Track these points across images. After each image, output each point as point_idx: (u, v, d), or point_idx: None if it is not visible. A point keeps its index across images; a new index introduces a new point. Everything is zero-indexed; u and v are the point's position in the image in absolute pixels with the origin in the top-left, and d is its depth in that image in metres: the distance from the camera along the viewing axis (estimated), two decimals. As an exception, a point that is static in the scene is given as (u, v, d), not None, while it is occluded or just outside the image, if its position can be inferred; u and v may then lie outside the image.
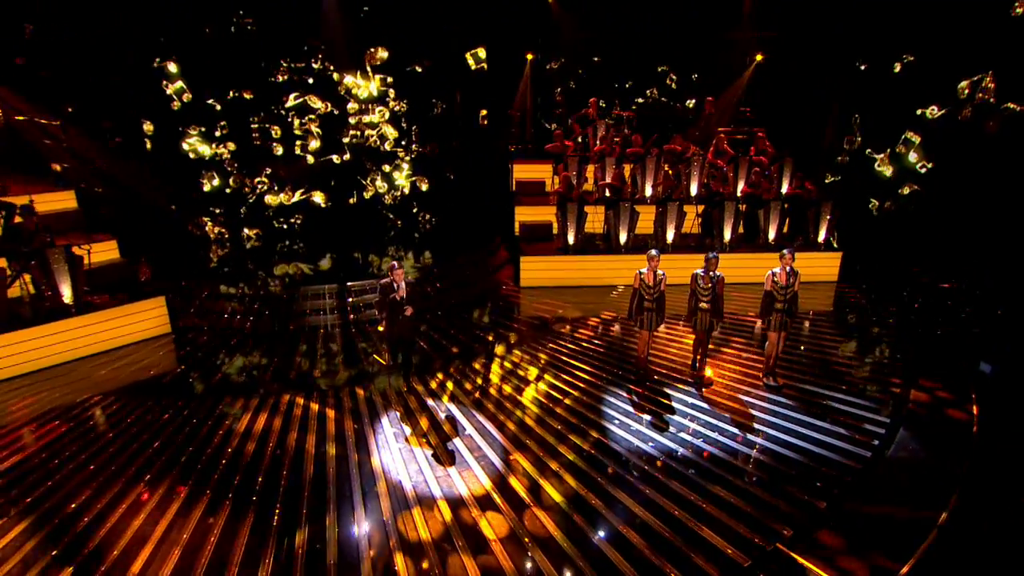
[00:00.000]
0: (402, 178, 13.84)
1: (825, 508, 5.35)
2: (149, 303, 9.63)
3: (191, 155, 12.76)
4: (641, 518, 5.31)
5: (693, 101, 15.93)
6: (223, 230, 13.15)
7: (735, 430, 6.74)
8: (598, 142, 14.26)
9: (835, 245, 10.98)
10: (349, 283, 11.15)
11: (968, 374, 7.87)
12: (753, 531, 5.13)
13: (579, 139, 14.02)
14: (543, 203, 13.66)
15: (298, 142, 13.23)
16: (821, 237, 11.82)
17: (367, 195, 13.71)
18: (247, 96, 13.08)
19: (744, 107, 14.86)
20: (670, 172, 12.00)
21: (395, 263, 7.46)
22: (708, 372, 8.17)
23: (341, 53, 12.91)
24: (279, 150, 13.08)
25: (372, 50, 12.23)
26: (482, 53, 12.54)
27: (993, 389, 7.45)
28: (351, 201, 14.31)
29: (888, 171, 11.21)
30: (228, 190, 13.11)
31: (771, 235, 11.92)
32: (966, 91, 9.65)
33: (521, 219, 13.11)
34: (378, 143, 13.29)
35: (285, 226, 13.62)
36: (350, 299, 10.78)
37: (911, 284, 11.02)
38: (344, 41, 13.16)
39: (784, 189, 12.65)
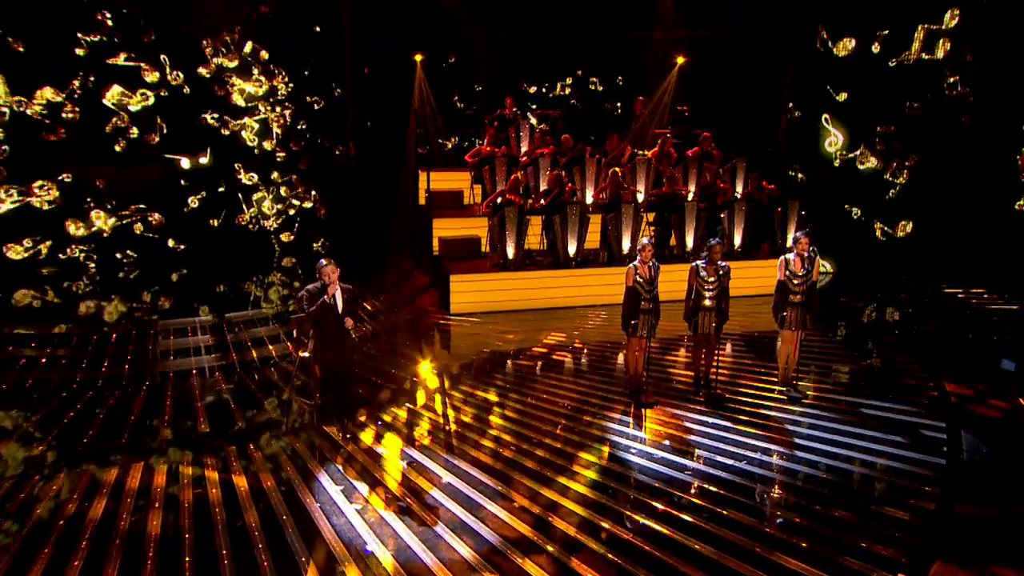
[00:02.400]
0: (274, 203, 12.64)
1: (932, 523, 5.03)
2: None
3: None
4: (714, 560, 4.64)
5: (619, 104, 16.36)
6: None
7: (778, 448, 6.41)
8: (523, 144, 14.06)
9: (828, 268, 11.44)
10: (229, 315, 9.71)
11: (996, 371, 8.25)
12: (864, 562, 4.64)
13: (500, 143, 13.72)
14: (463, 215, 13.13)
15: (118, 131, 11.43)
16: (790, 241, 12.21)
17: (246, 219, 12.31)
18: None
19: (681, 106, 15.45)
20: (619, 171, 11.94)
21: (323, 260, 6.42)
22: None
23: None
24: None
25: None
26: None
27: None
28: (213, 223, 12.83)
29: (871, 163, 11.95)
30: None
31: (737, 241, 12.17)
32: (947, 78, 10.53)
33: (440, 235, 12.40)
34: (256, 141, 12.05)
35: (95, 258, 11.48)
36: (231, 335, 9.33)
37: (912, 292, 11.70)
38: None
39: (739, 191, 13.08)
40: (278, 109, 12.59)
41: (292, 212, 13.17)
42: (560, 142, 13.58)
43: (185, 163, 12.09)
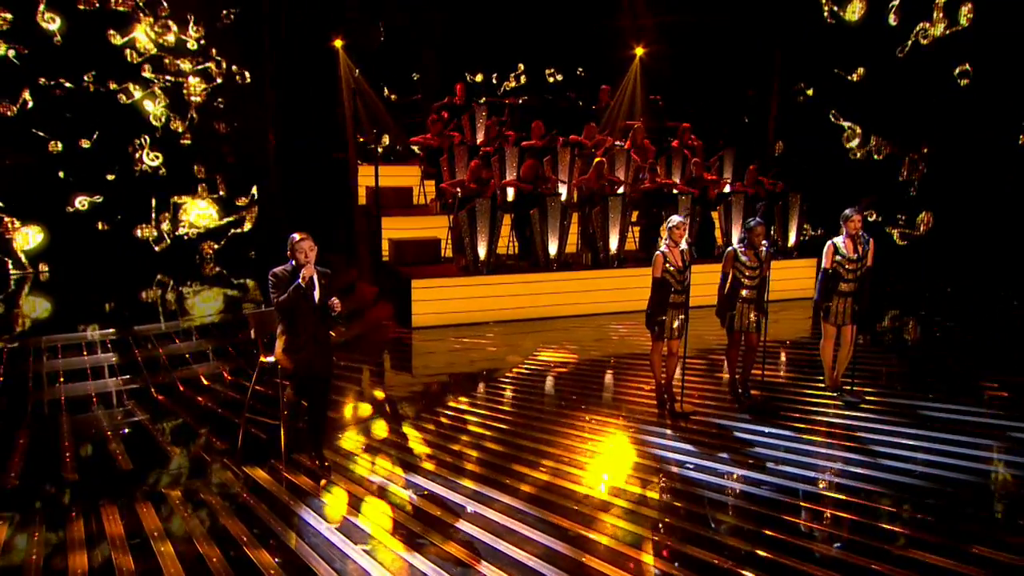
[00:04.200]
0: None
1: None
2: None
3: None
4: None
5: (573, 94, 16.28)
6: None
7: (857, 456, 6.07)
8: (479, 135, 13.60)
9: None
10: (137, 327, 8.57)
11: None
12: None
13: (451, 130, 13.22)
14: (416, 215, 12.48)
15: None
16: (792, 240, 12.20)
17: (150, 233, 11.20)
18: None
19: (654, 95, 15.44)
20: (605, 161, 11.61)
21: (296, 234, 5.59)
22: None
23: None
24: None
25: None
26: None
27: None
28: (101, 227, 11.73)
29: (855, 141, 12.05)
30: None
31: (734, 239, 12.00)
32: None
33: (391, 236, 11.64)
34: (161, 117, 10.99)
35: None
36: (141, 351, 8.20)
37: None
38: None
39: (729, 186, 13.01)
40: (195, 80, 11.57)
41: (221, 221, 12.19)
42: (524, 130, 13.21)
43: (58, 146, 10.92)
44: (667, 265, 6.89)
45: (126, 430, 6.68)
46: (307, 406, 5.82)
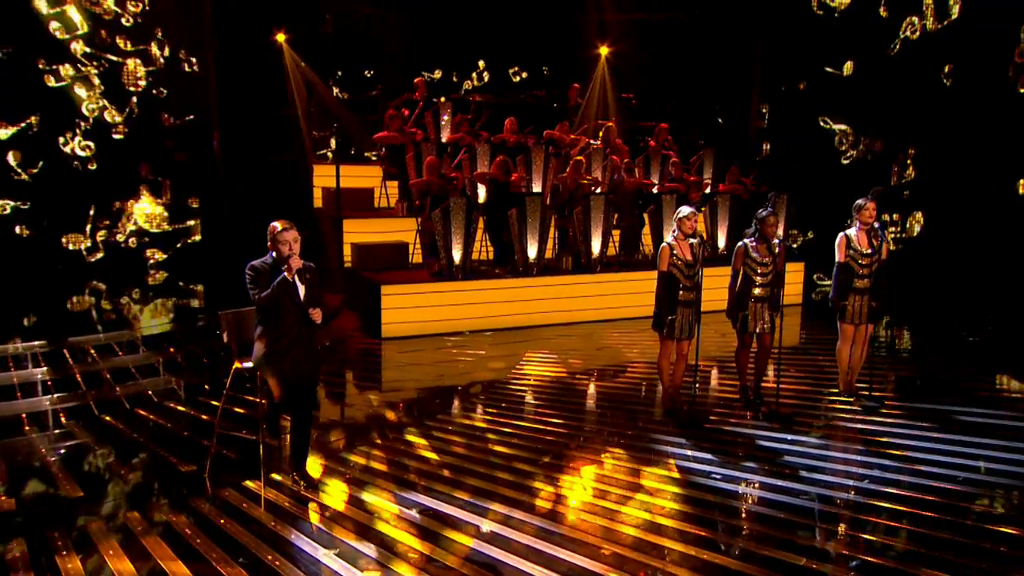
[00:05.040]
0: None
1: None
2: None
3: None
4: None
5: (543, 92, 16.21)
6: None
7: (891, 463, 5.94)
8: (446, 129, 13.35)
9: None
10: (72, 339, 7.95)
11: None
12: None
13: (413, 127, 12.93)
14: (381, 216, 12.12)
15: None
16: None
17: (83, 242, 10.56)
18: None
19: (626, 93, 15.43)
20: (583, 160, 11.43)
21: (277, 223, 5.19)
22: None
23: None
24: None
25: None
26: None
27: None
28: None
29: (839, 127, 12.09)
30: None
31: (721, 242, 11.93)
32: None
33: (354, 241, 11.22)
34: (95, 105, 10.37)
35: None
36: (79, 366, 7.59)
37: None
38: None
39: (708, 186, 12.98)
40: (134, 63, 10.96)
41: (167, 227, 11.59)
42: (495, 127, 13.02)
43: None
44: (674, 258, 6.69)
45: (62, 451, 6.10)
46: (290, 417, 5.36)
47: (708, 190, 12.93)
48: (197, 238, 13.12)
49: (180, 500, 5.19)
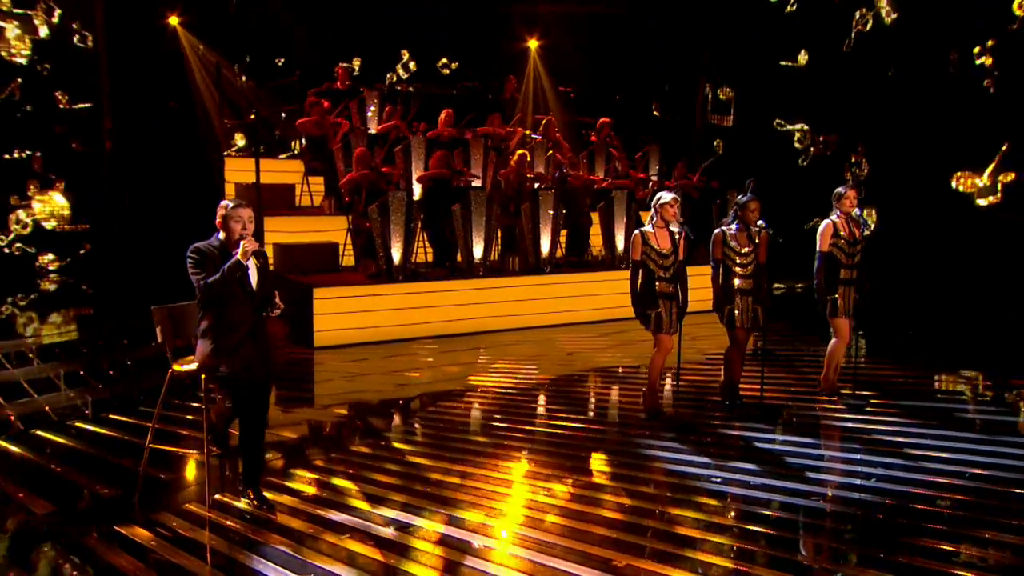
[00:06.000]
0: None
1: None
2: None
3: None
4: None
5: (478, 84, 16.09)
6: None
7: (896, 460, 5.88)
8: (373, 121, 12.99)
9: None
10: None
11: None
12: None
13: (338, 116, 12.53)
14: (306, 215, 11.68)
15: None
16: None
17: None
18: None
19: (565, 87, 15.43)
20: (527, 155, 11.28)
21: (229, 202, 4.78)
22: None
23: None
24: None
25: None
26: None
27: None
28: None
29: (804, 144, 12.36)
30: None
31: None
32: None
33: (276, 241, 10.70)
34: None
35: None
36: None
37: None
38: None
39: (657, 184, 13.01)
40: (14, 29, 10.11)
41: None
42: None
43: None
44: (647, 247, 6.53)
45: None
46: (240, 425, 4.87)
47: (659, 187, 12.94)
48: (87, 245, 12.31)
49: (107, 530, 4.62)
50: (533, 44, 17.26)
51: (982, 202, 12.76)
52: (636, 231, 6.65)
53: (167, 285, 7.48)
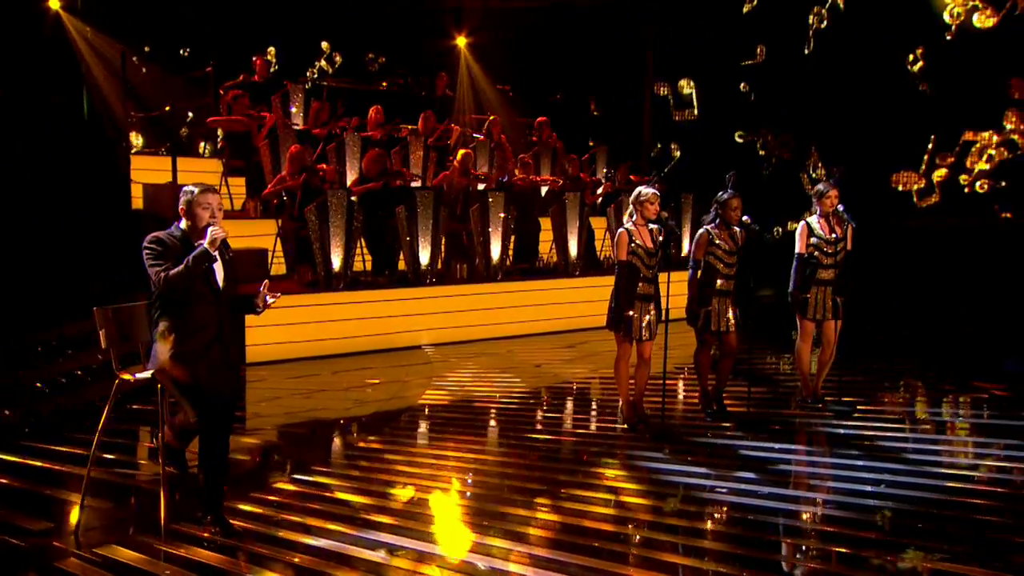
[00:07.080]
0: None
1: None
2: None
3: None
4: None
5: (411, 79, 16.02)
6: None
7: (899, 466, 6.00)
8: (298, 118, 12.74)
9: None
10: None
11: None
12: None
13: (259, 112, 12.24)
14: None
15: None
16: (685, 247, 12.44)
17: None
18: None
19: (502, 86, 15.48)
20: (471, 154, 11.23)
21: (193, 187, 4.55)
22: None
23: None
24: None
25: None
26: None
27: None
28: None
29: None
30: None
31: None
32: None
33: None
34: None
35: None
36: None
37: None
38: None
39: (610, 186, 13.15)
40: None
41: None
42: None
43: None
44: (633, 245, 6.51)
45: None
46: (201, 442, 4.56)
47: (612, 189, 13.03)
48: None
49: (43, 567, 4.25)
50: (462, 41, 17.29)
51: (923, 204, 13.24)
52: (620, 229, 6.61)
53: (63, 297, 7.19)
